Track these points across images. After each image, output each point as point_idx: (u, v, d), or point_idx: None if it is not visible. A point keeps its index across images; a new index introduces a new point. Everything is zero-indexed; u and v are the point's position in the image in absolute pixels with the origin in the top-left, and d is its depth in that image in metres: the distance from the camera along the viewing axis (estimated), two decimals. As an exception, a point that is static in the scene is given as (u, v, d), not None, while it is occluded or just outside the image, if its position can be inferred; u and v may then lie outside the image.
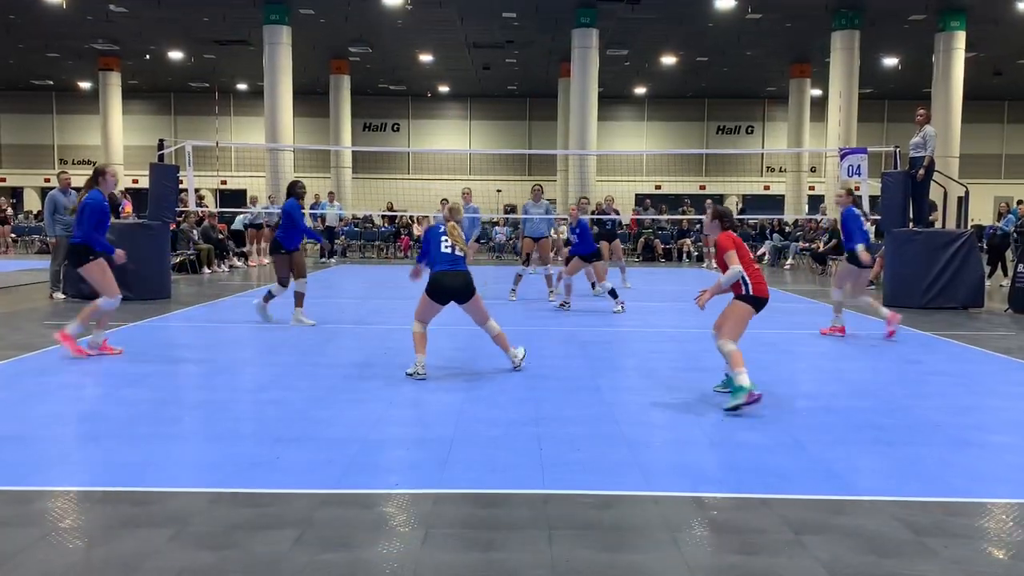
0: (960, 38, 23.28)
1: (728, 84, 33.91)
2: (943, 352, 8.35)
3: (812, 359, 8.07)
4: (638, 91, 35.55)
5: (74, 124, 37.28)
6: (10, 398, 6.00)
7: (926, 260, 11.82)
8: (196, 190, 16.20)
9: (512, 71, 31.80)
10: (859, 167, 13.43)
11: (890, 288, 12.39)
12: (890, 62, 28.65)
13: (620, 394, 6.25)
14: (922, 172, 12.15)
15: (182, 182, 13.65)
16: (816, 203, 29.58)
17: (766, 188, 37.12)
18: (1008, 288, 12.53)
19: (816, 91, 31.12)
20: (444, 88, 35.85)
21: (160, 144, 13.32)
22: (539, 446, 4.80)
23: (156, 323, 9.83)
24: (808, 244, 21.47)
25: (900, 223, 12.45)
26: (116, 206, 17.30)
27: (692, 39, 26.32)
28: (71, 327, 7.44)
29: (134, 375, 6.72)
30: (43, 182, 35.97)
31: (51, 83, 35.50)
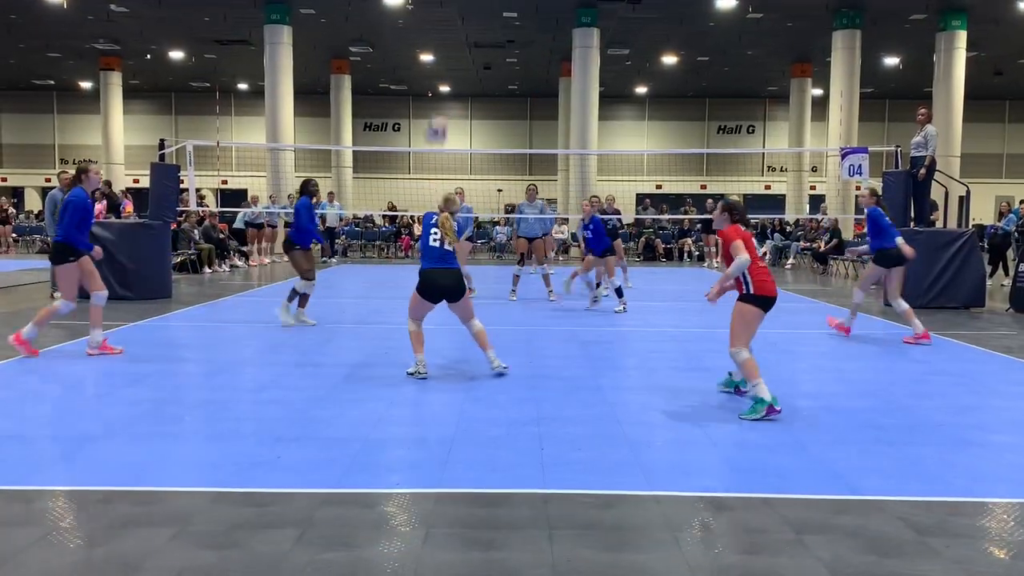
0: (961, 37, 23.26)
1: (729, 84, 33.88)
2: (944, 352, 8.35)
3: (813, 359, 8.06)
4: (639, 91, 35.52)
5: (75, 124, 37.27)
6: (11, 397, 6.01)
7: (927, 260, 11.80)
8: (197, 190, 16.20)
9: (513, 71, 31.79)
10: (860, 167, 13.41)
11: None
12: (891, 61, 28.62)
13: (621, 394, 6.25)
14: (923, 172, 12.15)
15: (183, 182, 13.64)
16: (817, 203, 29.56)
17: (767, 188, 37.09)
18: (1009, 288, 12.53)
19: (817, 91, 31.08)
20: (445, 88, 35.83)
21: (161, 144, 13.32)
22: (540, 446, 4.80)
23: (157, 323, 9.83)
24: (809, 244, 21.47)
25: (901, 223, 12.43)
26: (117, 206, 17.33)
27: (693, 39, 26.30)
28: (26, 330, 7.43)
29: (135, 375, 6.72)
30: (44, 182, 35.96)
31: (52, 83, 35.48)
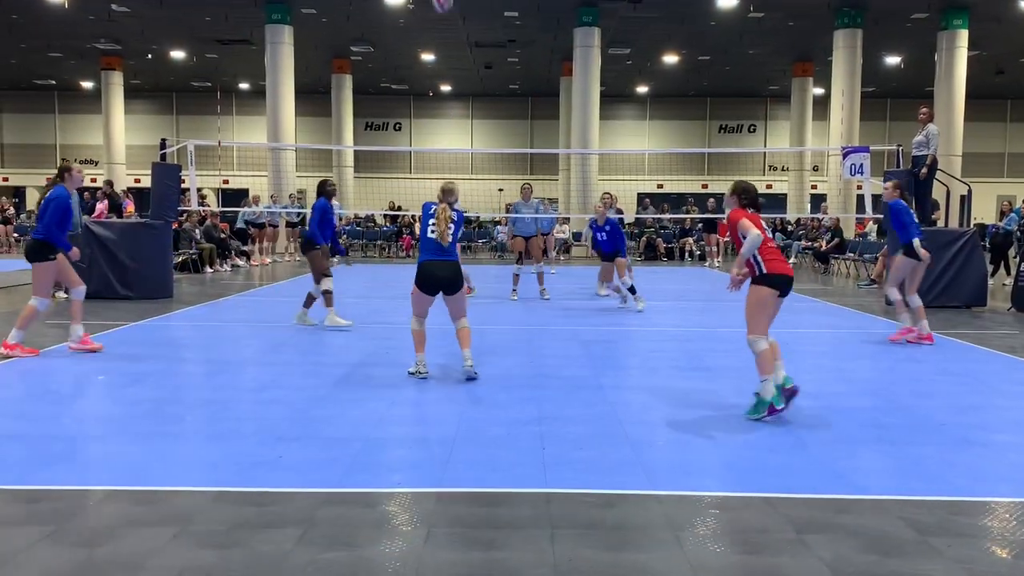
0: (962, 36, 23.25)
1: (730, 83, 33.87)
2: (946, 351, 8.34)
3: (814, 358, 8.05)
4: (640, 90, 35.51)
5: (76, 124, 37.30)
6: (13, 397, 6.02)
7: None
8: (198, 189, 16.21)
9: (514, 70, 31.79)
10: (861, 166, 13.39)
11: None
12: (892, 60, 28.61)
13: (622, 393, 6.25)
14: (925, 171, 12.13)
15: (184, 181, 13.65)
16: (818, 202, 29.55)
17: (768, 187, 37.02)
18: (1011, 287, 12.51)
19: (818, 90, 31.08)
20: (446, 87, 35.84)
21: (162, 143, 13.33)
22: (541, 445, 4.80)
23: (158, 322, 9.83)
24: (810, 243, 21.46)
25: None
26: (119, 206, 17.34)
27: (694, 38, 26.30)
28: (12, 335, 7.41)
29: (136, 374, 6.72)
30: (45, 182, 35.74)
31: (53, 83, 35.51)
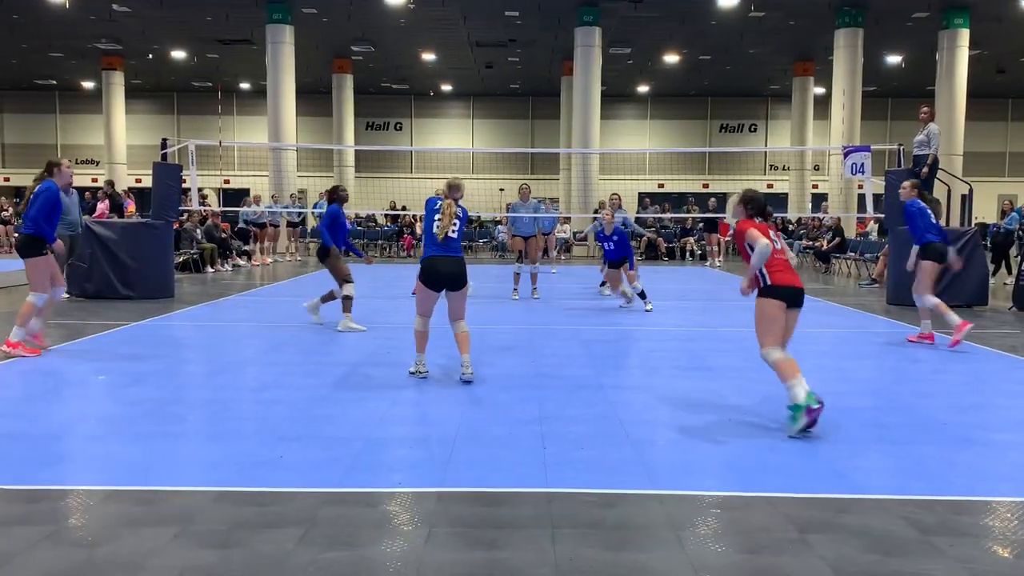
0: (963, 36, 23.23)
1: (731, 82, 33.85)
2: (947, 350, 8.33)
3: (815, 358, 8.04)
4: (641, 89, 35.49)
5: (77, 124, 37.31)
6: (14, 396, 6.02)
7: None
8: (199, 189, 16.21)
9: (515, 70, 31.77)
10: (863, 165, 13.39)
11: (894, 286, 12.37)
12: (893, 60, 28.59)
13: (623, 393, 6.24)
14: (926, 170, 12.13)
15: (185, 181, 13.65)
16: (819, 201, 29.53)
17: (769, 187, 37.00)
18: (1012, 286, 12.50)
19: (819, 89, 31.06)
20: (447, 87, 35.83)
21: (163, 143, 13.33)
22: (542, 445, 4.80)
23: (159, 322, 9.83)
24: (811, 242, 21.45)
25: (904, 222, 12.42)
26: (120, 206, 17.35)
27: (695, 37, 26.28)
28: (14, 333, 7.40)
29: (137, 374, 6.72)
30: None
31: (54, 83, 35.52)
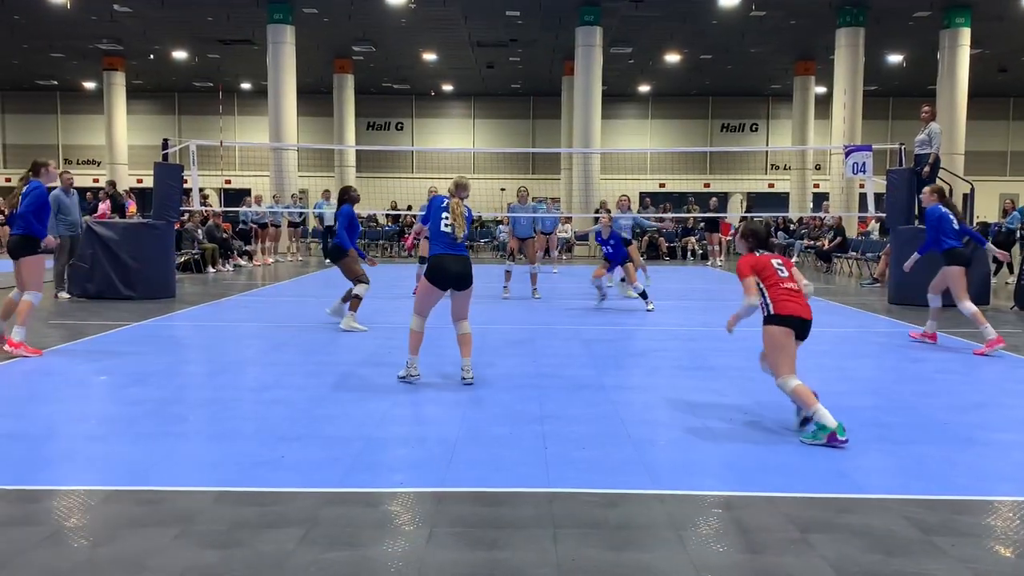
0: (965, 35, 23.21)
1: (732, 82, 33.84)
2: (949, 350, 8.33)
3: (816, 357, 8.03)
4: (642, 89, 35.49)
5: (78, 124, 37.34)
6: (15, 397, 6.02)
7: (931, 258, 11.73)
8: (200, 189, 16.21)
9: (516, 69, 31.78)
10: (864, 164, 13.38)
11: (895, 286, 12.36)
12: (895, 59, 28.57)
13: (625, 393, 6.24)
14: (927, 169, 12.11)
15: (186, 181, 13.65)
16: (820, 201, 29.51)
17: (770, 186, 37.04)
18: (1014, 286, 12.48)
19: (820, 88, 31.04)
20: (448, 87, 35.84)
21: (164, 144, 13.33)
22: (544, 444, 4.79)
23: (161, 322, 9.83)
24: (813, 242, 21.44)
25: (905, 221, 12.43)
26: (121, 206, 17.35)
27: (696, 37, 26.27)
28: (15, 332, 7.40)
29: (138, 374, 6.72)
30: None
31: (55, 83, 35.55)
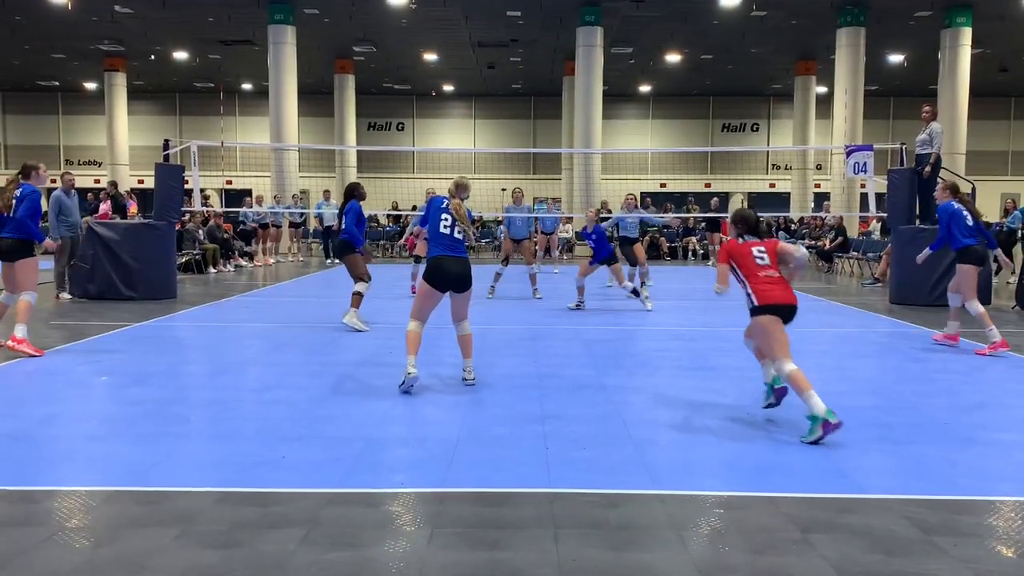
0: (966, 34, 23.18)
1: (733, 82, 33.82)
2: (950, 349, 8.32)
3: (817, 357, 8.03)
4: (643, 89, 35.47)
5: (80, 125, 37.34)
6: (17, 397, 6.02)
7: (932, 257, 11.73)
8: (201, 190, 16.22)
9: (516, 70, 31.77)
10: (865, 164, 13.37)
11: (897, 285, 12.36)
12: (896, 59, 28.54)
13: (626, 393, 6.24)
14: (929, 169, 12.11)
15: (187, 182, 13.66)
16: (821, 200, 29.49)
17: (772, 186, 37.00)
18: (1015, 285, 12.47)
19: (821, 88, 31.00)
20: (448, 87, 35.83)
21: (165, 144, 13.34)
22: (545, 445, 4.80)
23: (162, 323, 9.84)
24: (814, 242, 21.42)
25: (906, 220, 12.42)
26: (122, 207, 17.35)
27: (697, 36, 26.26)
28: (18, 330, 7.40)
29: (139, 374, 6.73)
30: (49, 183, 35.97)
31: (56, 84, 35.55)
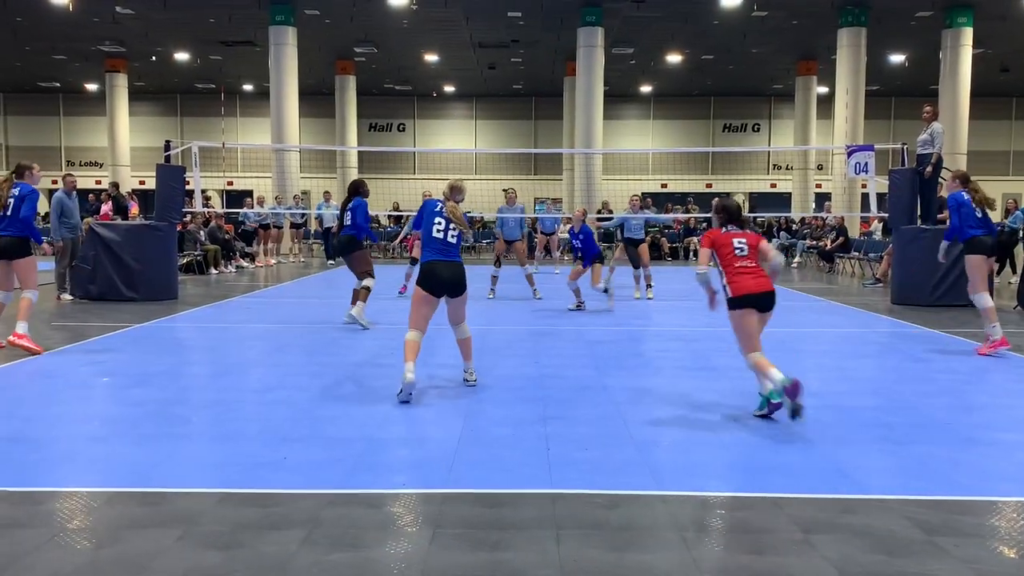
0: (967, 34, 23.16)
1: (734, 82, 33.80)
2: (951, 350, 8.32)
3: (818, 357, 8.04)
4: (644, 89, 35.45)
5: (81, 126, 37.35)
6: (18, 399, 6.03)
7: (934, 258, 11.74)
8: (203, 191, 16.23)
9: (517, 70, 31.76)
10: (866, 164, 13.36)
11: (898, 286, 12.35)
12: (897, 59, 28.52)
13: (627, 393, 6.23)
14: (930, 169, 12.11)
15: (189, 183, 13.67)
16: (823, 201, 29.47)
17: (773, 186, 36.98)
18: (1016, 285, 12.47)
19: (822, 88, 30.97)
20: (449, 88, 35.83)
21: (167, 145, 13.35)
22: (546, 445, 4.79)
23: (163, 323, 9.85)
24: (815, 242, 21.42)
25: (907, 221, 12.41)
26: (124, 207, 17.36)
27: (697, 37, 26.25)
28: (19, 327, 7.41)
29: (141, 375, 6.73)
30: (51, 184, 36.02)
31: (58, 85, 35.56)
